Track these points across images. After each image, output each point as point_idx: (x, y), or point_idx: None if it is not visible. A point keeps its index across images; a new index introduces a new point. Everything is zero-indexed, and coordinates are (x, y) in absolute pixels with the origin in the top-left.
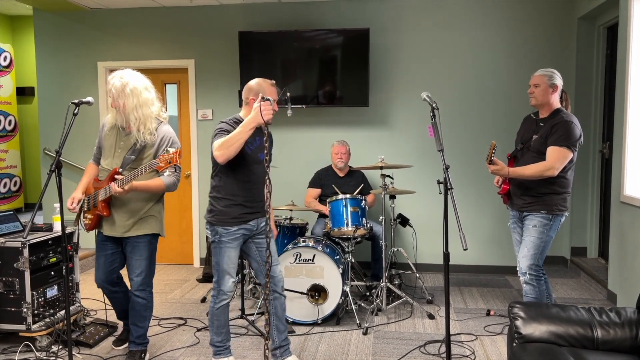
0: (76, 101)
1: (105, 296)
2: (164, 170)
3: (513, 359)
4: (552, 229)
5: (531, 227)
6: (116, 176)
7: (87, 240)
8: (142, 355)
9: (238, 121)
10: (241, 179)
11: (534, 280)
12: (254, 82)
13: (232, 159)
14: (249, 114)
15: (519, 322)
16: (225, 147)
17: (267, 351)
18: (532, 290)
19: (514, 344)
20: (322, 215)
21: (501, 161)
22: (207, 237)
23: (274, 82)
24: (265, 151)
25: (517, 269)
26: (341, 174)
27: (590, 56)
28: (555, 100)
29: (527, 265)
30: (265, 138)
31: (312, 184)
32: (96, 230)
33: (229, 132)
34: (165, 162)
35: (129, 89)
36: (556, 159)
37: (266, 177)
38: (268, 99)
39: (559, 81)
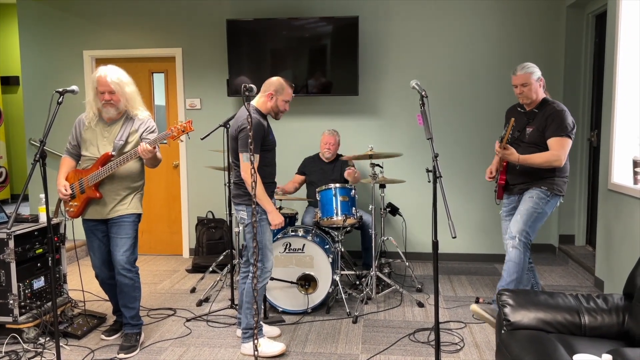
0: (60, 90)
1: (102, 288)
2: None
3: (502, 345)
4: (548, 204)
5: (527, 198)
6: (143, 138)
7: (76, 232)
8: (138, 337)
9: (263, 115)
10: (267, 163)
11: (521, 245)
12: (275, 79)
13: (263, 147)
14: (265, 105)
15: (507, 310)
16: (246, 182)
17: (256, 340)
18: (517, 256)
19: (503, 331)
20: (311, 204)
21: (496, 154)
22: (236, 223)
23: (293, 85)
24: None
25: (507, 235)
26: (326, 161)
27: (579, 44)
28: (542, 92)
29: (518, 229)
30: (249, 126)
31: (298, 170)
32: (82, 219)
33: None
34: (179, 132)
35: (127, 79)
36: (560, 148)
37: (251, 169)
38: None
39: (539, 72)
